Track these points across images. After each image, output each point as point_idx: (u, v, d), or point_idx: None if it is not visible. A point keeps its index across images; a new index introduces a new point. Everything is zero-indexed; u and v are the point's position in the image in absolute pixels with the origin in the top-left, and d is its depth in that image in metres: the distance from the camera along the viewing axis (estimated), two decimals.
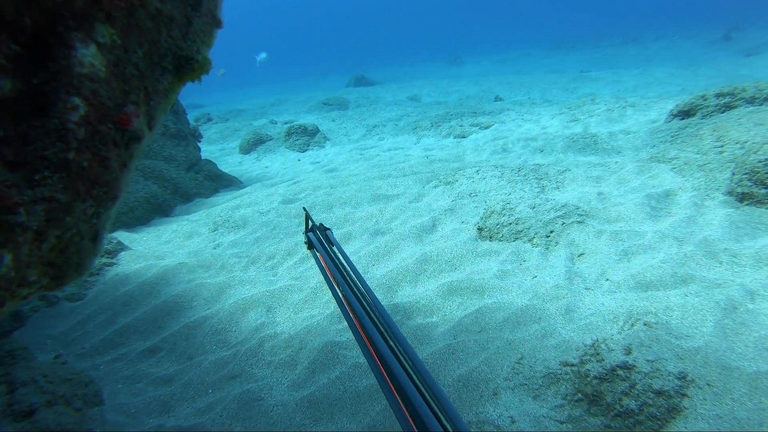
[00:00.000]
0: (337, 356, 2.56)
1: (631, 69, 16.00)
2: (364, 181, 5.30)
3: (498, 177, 4.48)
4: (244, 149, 9.45)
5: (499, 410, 2.03)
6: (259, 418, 2.25)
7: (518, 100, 11.59)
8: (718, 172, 3.69)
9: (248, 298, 3.25)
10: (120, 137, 0.73)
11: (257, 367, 2.63)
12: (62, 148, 0.65)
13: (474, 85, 16.36)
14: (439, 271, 3.19)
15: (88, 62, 0.67)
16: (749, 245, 2.85)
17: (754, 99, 5.14)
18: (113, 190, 0.73)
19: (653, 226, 3.25)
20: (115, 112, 0.71)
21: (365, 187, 5.04)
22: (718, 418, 1.76)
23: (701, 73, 13.26)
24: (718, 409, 1.79)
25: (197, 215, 5.15)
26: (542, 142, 5.90)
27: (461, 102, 11.76)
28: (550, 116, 7.98)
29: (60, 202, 0.65)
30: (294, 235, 4.21)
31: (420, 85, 17.50)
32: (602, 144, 5.40)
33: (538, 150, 5.69)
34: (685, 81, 12.36)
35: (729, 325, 2.19)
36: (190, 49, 0.87)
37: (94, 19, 0.67)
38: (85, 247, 0.72)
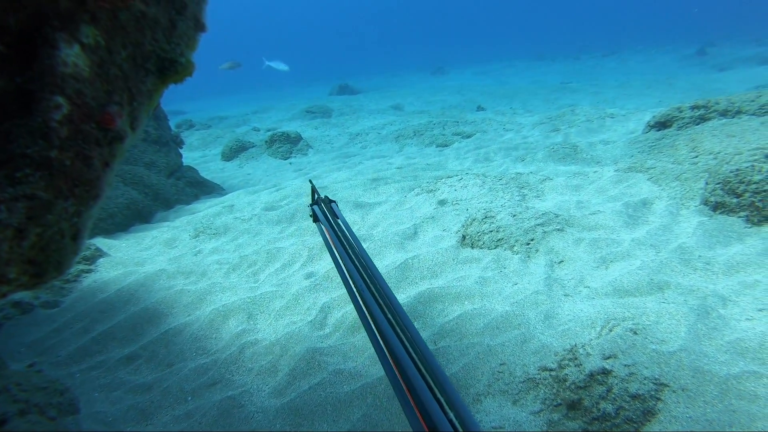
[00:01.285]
0: (318, 363, 2.55)
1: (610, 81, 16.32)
2: (346, 188, 5.31)
3: (479, 185, 4.53)
4: (226, 156, 9.40)
5: (480, 416, 2.05)
6: (240, 425, 2.24)
7: (500, 110, 11.73)
8: (693, 182, 3.78)
9: (229, 305, 3.23)
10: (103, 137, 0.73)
11: (238, 373, 2.61)
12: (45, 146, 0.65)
13: (456, 94, 16.51)
14: (421, 277, 3.21)
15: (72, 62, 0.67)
16: (722, 253, 2.92)
17: (727, 112, 5.29)
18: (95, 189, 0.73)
19: (630, 234, 3.31)
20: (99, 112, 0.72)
21: (348, 195, 5.04)
22: (690, 420, 1.79)
23: (677, 87, 13.58)
24: (691, 411, 1.83)
25: (178, 222, 5.11)
26: (523, 152, 5.98)
27: (444, 111, 11.86)
28: (532, 126, 8.09)
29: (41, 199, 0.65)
30: (276, 241, 4.19)
31: (403, 95, 17.61)
32: (582, 154, 5.49)
33: (519, 159, 5.76)
34: (662, 93, 12.64)
35: (702, 330, 2.24)
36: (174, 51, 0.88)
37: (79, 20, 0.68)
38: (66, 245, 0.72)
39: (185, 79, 0.95)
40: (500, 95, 15.42)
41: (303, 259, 3.77)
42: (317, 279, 3.42)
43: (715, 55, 21.66)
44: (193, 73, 0.95)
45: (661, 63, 22.30)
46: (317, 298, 3.20)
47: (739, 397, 1.86)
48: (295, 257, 3.83)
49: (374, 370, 2.43)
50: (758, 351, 2.07)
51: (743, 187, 3.22)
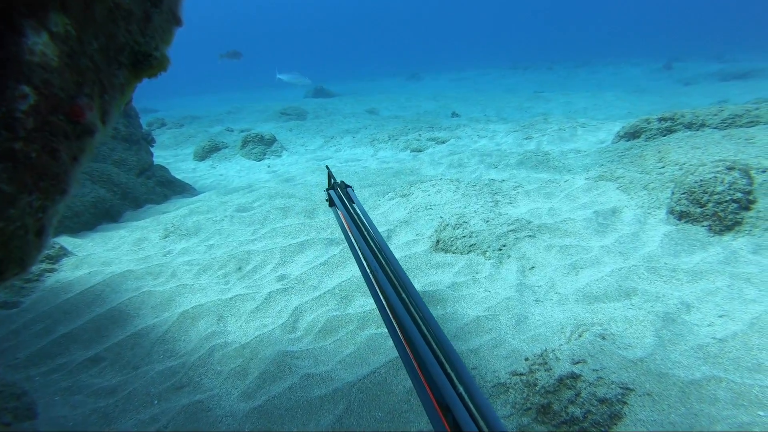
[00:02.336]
0: (289, 366, 2.52)
1: (582, 92, 16.66)
2: (320, 191, 5.28)
3: (453, 191, 4.56)
4: (198, 156, 9.25)
5: None
6: (207, 429, 2.19)
7: (474, 117, 11.85)
8: (660, 191, 3.88)
9: (199, 307, 3.17)
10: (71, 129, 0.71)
11: (206, 377, 2.56)
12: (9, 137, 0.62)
13: (432, 100, 16.63)
14: None
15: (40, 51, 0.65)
16: (686, 260, 3.00)
17: (692, 124, 5.45)
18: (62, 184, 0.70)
19: (600, 241, 3.37)
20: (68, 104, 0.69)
21: (322, 198, 5.02)
22: (654, 423, 1.83)
23: (645, 99, 13.95)
24: (655, 414, 1.87)
25: (147, 221, 5.00)
26: (497, 158, 6.05)
27: (419, 117, 11.93)
28: (505, 133, 8.20)
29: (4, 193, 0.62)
30: (248, 243, 4.14)
31: (378, 99, 17.64)
32: (554, 162, 5.59)
33: (492, 166, 5.83)
34: (631, 105, 12.96)
35: (667, 335, 2.30)
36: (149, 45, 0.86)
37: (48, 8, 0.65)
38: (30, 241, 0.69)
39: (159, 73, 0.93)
40: (475, 102, 15.59)
41: (275, 262, 3.73)
42: (289, 282, 3.38)
43: (680, 69, 22.36)
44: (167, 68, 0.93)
45: (631, 75, 22.90)
46: (289, 301, 3.16)
47: (701, 401, 1.91)
48: (267, 259, 3.78)
49: (346, 374, 2.41)
50: (718, 356, 2.13)
51: (707, 197, 3.32)
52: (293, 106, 14.98)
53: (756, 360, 2.08)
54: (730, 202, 3.27)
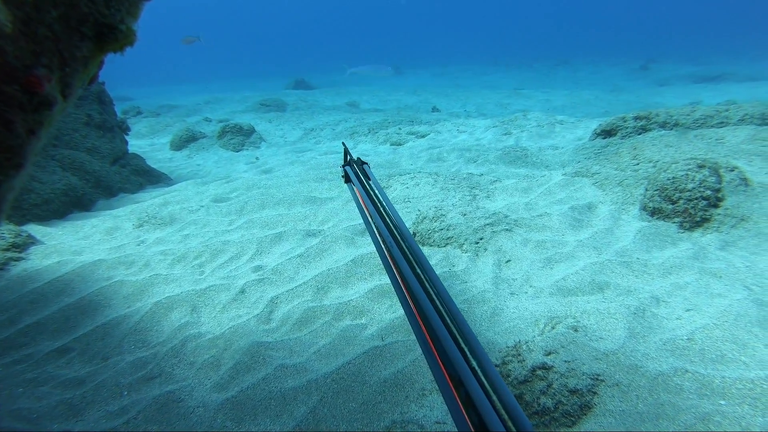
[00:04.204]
0: (263, 357, 2.50)
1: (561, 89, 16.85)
2: (299, 182, 5.25)
3: (431, 184, 4.57)
4: (175, 146, 9.11)
5: (424, 410, 2.06)
6: (178, 421, 2.17)
7: (455, 112, 11.90)
8: (634, 188, 3.94)
9: (172, 297, 3.13)
10: (28, 101, 0.68)
11: (179, 367, 2.53)
12: None
13: (412, 95, 16.64)
14: (370, 273, 3.21)
15: None
16: (657, 256, 3.06)
17: (666, 124, 5.56)
18: (17, 158, 0.68)
19: (575, 236, 3.42)
20: (23, 74, 0.66)
21: (300, 189, 4.99)
22: (623, 413, 1.87)
23: (622, 98, 14.17)
24: (623, 405, 1.91)
25: (121, 210, 4.91)
26: (476, 153, 6.08)
27: (399, 111, 11.92)
28: (485, 129, 8.24)
29: None
30: (224, 234, 4.09)
31: (359, 92, 17.59)
32: (532, 157, 5.64)
33: (471, 160, 5.85)
34: (608, 104, 13.15)
35: (637, 328, 2.34)
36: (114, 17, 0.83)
37: None
38: None
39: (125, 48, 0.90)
40: (455, 97, 15.64)
41: (251, 252, 3.69)
42: (265, 272, 3.35)
43: (656, 71, 22.78)
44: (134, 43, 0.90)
45: (609, 75, 23.23)
46: (264, 291, 3.14)
47: (667, 391, 1.95)
48: (243, 250, 3.74)
49: (321, 365, 2.40)
50: (685, 348, 2.18)
51: (678, 194, 3.39)
52: (273, 98, 14.84)
53: (719, 352, 2.13)
54: (700, 199, 3.34)
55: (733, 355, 2.12)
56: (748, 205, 3.38)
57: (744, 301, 2.45)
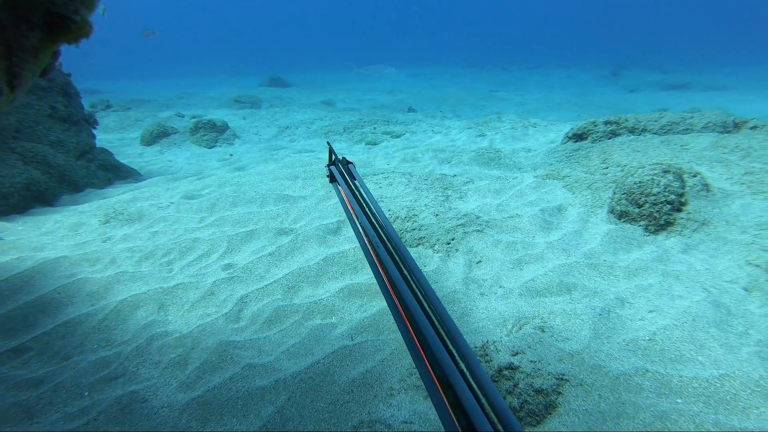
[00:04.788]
0: (231, 356, 2.47)
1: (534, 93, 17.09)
2: (272, 180, 5.20)
3: (405, 184, 4.58)
4: (146, 141, 8.93)
5: (392, 410, 2.06)
6: (141, 421, 2.12)
7: (430, 113, 11.96)
8: (603, 191, 4.03)
9: (139, 295, 3.06)
10: None
11: (143, 367, 2.48)
12: None
13: (388, 95, 16.66)
14: (342, 273, 3.20)
15: None
16: (624, 258, 3.13)
17: (634, 129, 5.69)
18: None
19: (545, 237, 3.47)
20: None
21: (273, 187, 4.94)
22: (585, 412, 1.91)
23: (593, 103, 14.45)
24: (586, 404, 1.94)
25: (87, 206, 4.78)
26: (450, 154, 6.12)
27: (375, 110, 11.91)
28: (459, 130, 8.30)
29: None
30: (194, 231, 4.03)
31: (335, 91, 17.53)
32: (505, 159, 5.70)
33: (445, 161, 5.89)
34: (580, 108, 13.40)
35: (602, 329, 2.39)
36: (67, 7, 0.80)
37: None
38: None
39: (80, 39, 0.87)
40: (431, 98, 15.72)
41: (222, 250, 3.64)
42: (235, 271, 3.32)
43: (627, 77, 23.30)
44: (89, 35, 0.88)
45: (581, 80, 23.65)
46: (234, 290, 3.10)
47: (628, 391, 1.99)
48: (213, 248, 3.69)
49: (290, 364, 2.39)
50: (646, 349, 2.24)
51: (644, 198, 3.47)
52: (248, 95, 14.69)
53: (678, 352, 2.20)
54: (664, 203, 3.42)
55: (690, 355, 2.18)
56: (709, 210, 3.48)
57: (703, 303, 2.52)
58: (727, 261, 3.01)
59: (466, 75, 26.92)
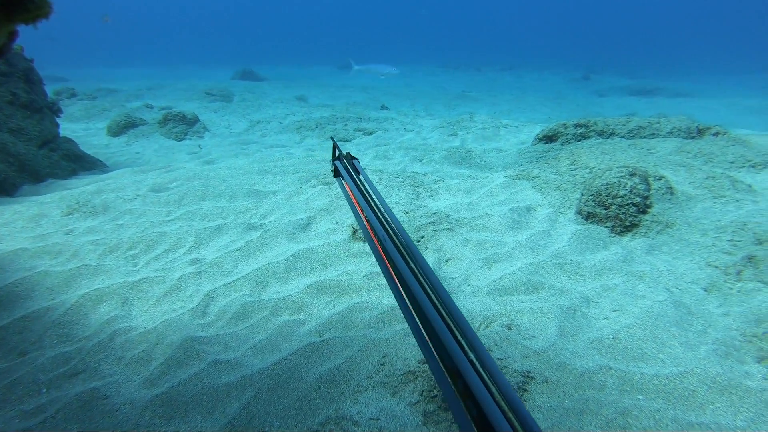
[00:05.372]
0: (197, 352, 2.43)
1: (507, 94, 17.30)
2: (242, 175, 5.13)
3: (376, 181, 4.58)
4: (113, 131, 8.69)
5: (359, 407, 2.06)
6: (102, 419, 2.07)
7: (403, 111, 11.97)
8: (571, 192, 4.10)
9: (102, 289, 2.98)
10: None
11: (105, 363, 2.42)
12: None
13: (362, 92, 16.63)
14: (311, 269, 3.18)
15: None
16: (590, 258, 3.20)
17: (603, 132, 5.81)
18: None
19: (514, 237, 3.51)
20: None
21: (243, 182, 4.88)
22: (550, 409, 1.94)
23: (564, 106, 14.72)
24: (551, 401, 1.98)
25: (48, 197, 4.63)
26: (421, 152, 6.15)
27: (348, 107, 11.88)
28: (431, 129, 8.34)
29: None
30: (161, 224, 3.94)
31: (308, 87, 17.42)
32: (476, 159, 5.75)
33: (417, 159, 5.91)
34: (551, 110, 13.62)
35: (567, 327, 2.43)
36: None
37: None
38: None
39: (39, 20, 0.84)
40: (404, 97, 15.76)
41: (189, 244, 3.58)
42: (203, 265, 3.26)
43: (597, 81, 23.83)
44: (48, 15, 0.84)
45: (553, 83, 24.06)
46: (201, 285, 3.05)
47: (591, 387, 2.04)
48: (180, 242, 3.62)
49: (256, 360, 2.36)
50: (610, 347, 2.29)
51: (611, 200, 3.55)
52: (219, 87, 14.45)
53: (641, 350, 2.25)
54: (630, 205, 3.51)
55: (652, 353, 2.24)
56: (672, 212, 3.58)
57: (665, 303, 2.60)
58: (688, 262, 3.11)
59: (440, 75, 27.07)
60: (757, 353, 2.24)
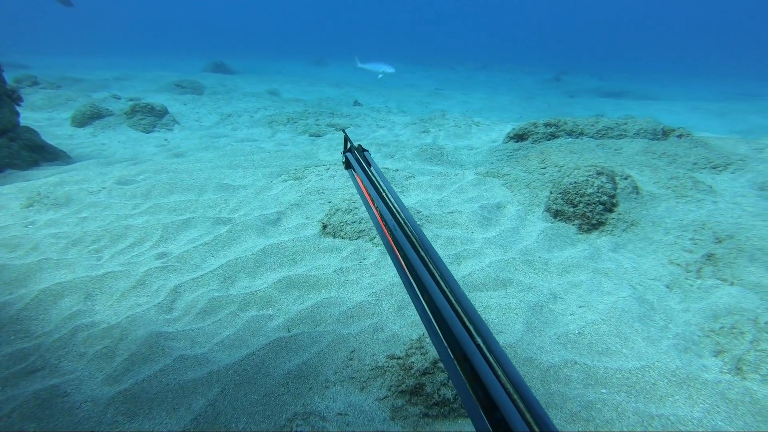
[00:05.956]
0: (162, 347, 2.38)
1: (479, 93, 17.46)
2: (211, 168, 5.04)
3: (347, 177, 4.55)
4: (77, 122, 8.43)
5: (326, 402, 2.05)
6: (62, 417, 2.01)
7: (376, 107, 11.96)
8: (540, 190, 4.16)
9: (63, 284, 2.90)
10: None
11: (66, 359, 2.35)
12: None
13: (335, 87, 16.56)
14: (280, 264, 3.15)
15: None
16: (557, 255, 3.25)
17: (572, 132, 5.92)
18: None
19: (483, 234, 3.54)
20: None
21: (212, 175, 4.80)
22: None
23: (535, 105, 14.93)
24: None
25: (6, 188, 4.47)
26: (393, 149, 6.15)
27: (320, 102, 11.80)
28: (404, 125, 8.35)
29: None
30: (127, 218, 3.85)
31: (281, 81, 17.24)
32: (448, 156, 5.78)
33: (389, 155, 5.91)
34: (522, 110, 13.80)
35: (535, 323, 2.47)
36: None
37: None
38: None
39: None
40: (377, 93, 15.74)
41: (156, 238, 3.50)
42: (170, 260, 3.19)
43: (567, 82, 24.24)
44: None
45: (524, 83, 24.37)
46: (168, 279, 2.99)
47: (557, 382, 2.07)
48: (147, 235, 3.54)
49: (224, 356, 2.33)
50: (575, 342, 2.34)
51: (579, 198, 3.62)
52: (190, 80, 14.19)
53: (605, 345, 2.31)
54: (597, 203, 3.58)
55: (616, 347, 2.29)
56: (637, 211, 3.67)
57: (629, 299, 2.66)
58: (652, 260, 3.19)
59: (414, 72, 27.12)
60: (714, 347, 2.32)
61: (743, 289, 2.73)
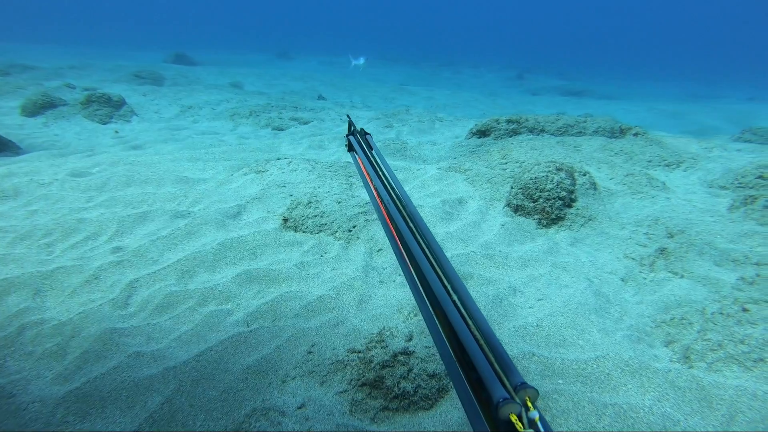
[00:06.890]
0: (116, 344, 2.32)
1: (444, 89, 17.58)
2: (170, 161, 4.92)
3: (309, 171, 4.52)
4: (28, 111, 8.07)
5: (286, 397, 2.04)
6: (7, 419, 1.93)
7: (340, 102, 11.90)
8: (501, 186, 4.22)
9: (10, 280, 2.78)
10: None
11: (13, 358, 2.26)
12: None
13: (299, 81, 16.39)
14: (240, 258, 3.10)
15: None
16: (517, 249, 3.31)
17: (534, 129, 6.02)
18: None
19: (445, 228, 3.58)
20: None
21: (171, 168, 4.68)
22: None
23: (498, 102, 15.14)
24: None
25: None
26: None
27: (284, 96, 11.64)
28: (368, 120, 8.33)
29: None
30: (81, 211, 3.72)
31: (244, 74, 16.95)
32: (411, 151, 5.80)
33: None
34: (486, 107, 13.97)
35: (494, 316, 2.51)
36: None
37: None
38: None
39: None
40: (342, 88, 15.67)
41: (111, 232, 3.39)
42: (126, 254, 3.10)
43: (530, 80, 24.68)
44: None
45: (488, 80, 24.68)
46: (123, 274, 2.90)
47: None
48: (101, 229, 3.43)
49: (181, 352, 2.28)
50: (534, 334, 2.39)
51: (538, 193, 3.69)
52: (150, 70, 13.79)
53: (562, 337, 2.36)
54: (556, 199, 3.66)
55: (572, 339, 2.35)
56: (595, 206, 3.77)
57: (585, 292, 2.73)
58: (608, 254, 3.28)
59: (379, 67, 27.10)
60: (665, 338, 2.40)
61: (692, 282, 2.84)
